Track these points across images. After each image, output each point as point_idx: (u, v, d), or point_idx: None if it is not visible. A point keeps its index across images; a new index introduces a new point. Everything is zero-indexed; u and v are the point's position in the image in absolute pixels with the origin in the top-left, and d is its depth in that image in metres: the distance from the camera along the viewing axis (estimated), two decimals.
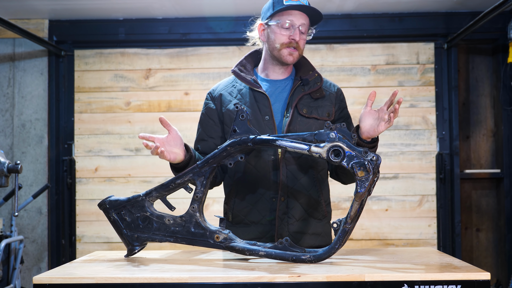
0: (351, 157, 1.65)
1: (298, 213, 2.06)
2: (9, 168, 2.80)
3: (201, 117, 2.19)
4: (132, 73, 4.47)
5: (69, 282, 1.55)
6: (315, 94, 2.11)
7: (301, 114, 2.07)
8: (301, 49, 2.09)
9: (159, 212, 1.85)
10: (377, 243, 4.35)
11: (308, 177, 2.07)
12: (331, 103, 2.13)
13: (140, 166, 4.42)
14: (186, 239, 1.82)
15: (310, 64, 2.18)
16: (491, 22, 4.07)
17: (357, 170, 1.63)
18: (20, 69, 4.40)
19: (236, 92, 2.13)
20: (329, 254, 1.69)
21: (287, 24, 2.05)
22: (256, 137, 1.75)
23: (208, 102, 2.17)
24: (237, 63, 2.17)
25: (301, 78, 2.12)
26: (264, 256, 1.73)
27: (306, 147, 1.69)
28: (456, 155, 4.34)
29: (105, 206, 1.87)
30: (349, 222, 1.67)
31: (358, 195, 1.64)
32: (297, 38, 2.05)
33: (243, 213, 2.08)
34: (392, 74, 4.41)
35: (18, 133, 4.39)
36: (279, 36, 2.06)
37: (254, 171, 2.06)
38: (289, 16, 2.05)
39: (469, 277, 1.51)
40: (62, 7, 4.14)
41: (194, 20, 4.41)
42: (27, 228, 4.35)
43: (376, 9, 4.30)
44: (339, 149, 1.66)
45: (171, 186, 1.83)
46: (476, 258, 4.49)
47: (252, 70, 2.18)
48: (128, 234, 1.87)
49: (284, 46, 2.06)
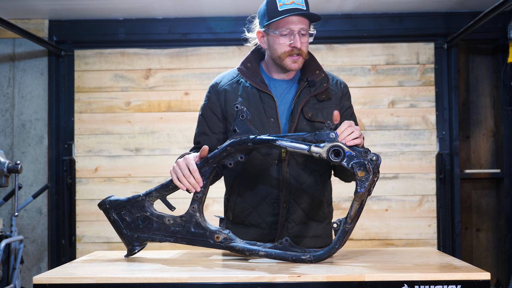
0: (351, 157, 1.64)
1: (298, 217, 2.03)
2: (9, 168, 2.79)
3: (203, 109, 2.11)
4: (132, 73, 4.47)
5: (69, 282, 1.55)
6: (321, 96, 2.04)
7: (306, 118, 2.00)
8: (304, 53, 1.99)
9: (159, 212, 1.85)
10: (377, 243, 4.35)
11: (312, 180, 2.03)
12: (336, 104, 2.07)
13: (140, 166, 4.42)
14: (186, 239, 1.81)
15: (317, 63, 2.09)
16: (491, 22, 4.07)
17: (357, 170, 1.63)
18: (20, 69, 4.40)
19: (241, 90, 2.05)
20: (329, 254, 1.69)
21: (285, 32, 1.95)
22: (256, 137, 1.74)
23: (210, 96, 2.09)
24: (243, 60, 2.09)
25: (308, 79, 2.04)
26: (264, 256, 1.73)
27: (306, 147, 1.68)
28: (456, 155, 4.34)
29: (105, 206, 1.87)
30: (349, 222, 1.67)
31: (358, 195, 1.63)
32: (298, 45, 1.95)
33: (243, 215, 2.06)
34: (392, 74, 4.41)
35: (18, 133, 4.39)
36: (279, 46, 1.97)
37: (256, 173, 2.02)
38: (286, 23, 1.95)
39: (469, 277, 1.51)
40: (62, 7, 4.14)
41: (194, 20, 4.41)
42: (27, 228, 4.35)
43: (376, 9, 4.31)
44: (339, 149, 1.65)
45: (171, 186, 1.83)
46: (476, 258, 4.49)
47: (258, 67, 2.10)
48: (128, 234, 1.86)
49: (287, 55, 1.98)
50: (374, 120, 4.38)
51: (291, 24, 1.95)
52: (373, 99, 4.39)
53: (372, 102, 4.39)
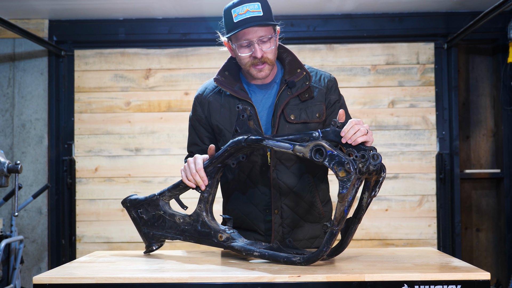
0: (333, 157, 1.58)
1: (293, 222, 2.02)
2: (9, 168, 2.79)
3: (190, 121, 2.11)
4: (132, 73, 4.47)
5: (69, 282, 1.55)
6: (304, 96, 1.98)
7: (288, 121, 1.95)
8: (270, 59, 1.93)
9: (172, 211, 1.91)
10: (377, 243, 4.35)
11: (303, 182, 2.00)
12: (321, 101, 2.00)
13: (140, 166, 4.42)
14: (193, 238, 1.86)
15: (297, 61, 2.02)
16: (491, 22, 4.07)
17: (337, 170, 1.57)
18: (20, 69, 4.40)
19: (224, 99, 2.02)
20: (318, 257, 1.65)
21: (245, 43, 1.90)
22: (249, 137, 1.75)
23: (197, 108, 2.07)
24: (220, 69, 2.04)
25: (286, 81, 1.98)
26: (258, 257, 1.74)
27: (291, 146, 1.65)
28: (456, 155, 4.34)
29: (127, 205, 1.97)
30: (336, 224, 1.62)
31: (340, 196, 1.58)
32: (258, 55, 1.89)
33: (238, 222, 2.06)
34: (392, 74, 4.41)
35: (18, 133, 4.39)
36: (242, 58, 1.93)
37: (247, 180, 2.01)
38: (243, 34, 1.89)
39: (469, 277, 1.51)
40: (62, 7, 4.14)
41: (194, 20, 4.41)
42: (27, 228, 4.35)
43: (376, 9, 4.30)
44: (321, 148, 1.60)
45: (181, 186, 1.89)
46: (476, 258, 4.49)
47: (237, 74, 2.05)
48: (145, 232, 1.95)
49: (250, 65, 1.93)
50: (374, 120, 4.38)
51: (248, 34, 1.89)
52: (373, 99, 4.39)
53: (372, 102, 4.39)
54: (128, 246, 4.37)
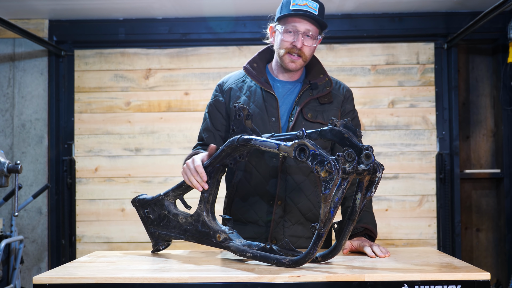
0: (315, 156, 1.53)
1: (295, 217, 2.05)
2: (9, 168, 2.79)
3: (209, 107, 2.17)
4: (132, 73, 4.47)
5: (69, 282, 1.55)
6: (323, 99, 2.09)
7: (305, 118, 2.04)
8: (306, 56, 2.04)
9: (176, 211, 1.93)
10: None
11: (310, 180, 2.06)
12: (337, 107, 2.11)
13: (140, 166, 4.42)
14: (195, 237, 1.87)
15: (322, 67, 2.15)
16: (491, 22, 4.07)
17: (320, 170, 1.52)
18: (20, 69, 4.40)
19: (246, 89, 2.12)
20: (306, 259, 1.63)
21: (291, 29, 2.00)
22: (241, 137, 1.75)
23: (217, 94, 2.16)
24: (250, 60, 2.15)
25: (310, 82, 2.09)
26: (251, 258, 1.73)
27: (276, 146, 1.64)
28: (456, 155, 4.34)
29: (136, 204, 2.01)
30: (322, 225, 1.57)
31: (323, 196, 1.53)
32: (298, 45, 2.00)
33: (240, 212, 2.09)
34: (392, 74, 4.41)
35: (18, 133, 4.39)
36: (282, 42, 2.03)
37: (255, 172, 2.06)
38: (293, 21, 2.01)
39: (469, 277, 1.51)
40: (62, 7, 4.14)
41: (194, 20, 4.41)
42: (27, 228, 4.35)
43: (376, 9, 4.30)
44: (304, 147, 1.56)
45: (183, 186, 1.91)
46: (476, 258, 4.49)
47: (264, 68, 2.15)
48: (152, 231, 1.99)
49: (286, 52, 2.03)
50: (374, 120, 4.38)
51: (298, 23, 2.00)
52: (373, 99, 4.39)
53: (372, 102, 4.39)
54: (128, 246, 4.37)
